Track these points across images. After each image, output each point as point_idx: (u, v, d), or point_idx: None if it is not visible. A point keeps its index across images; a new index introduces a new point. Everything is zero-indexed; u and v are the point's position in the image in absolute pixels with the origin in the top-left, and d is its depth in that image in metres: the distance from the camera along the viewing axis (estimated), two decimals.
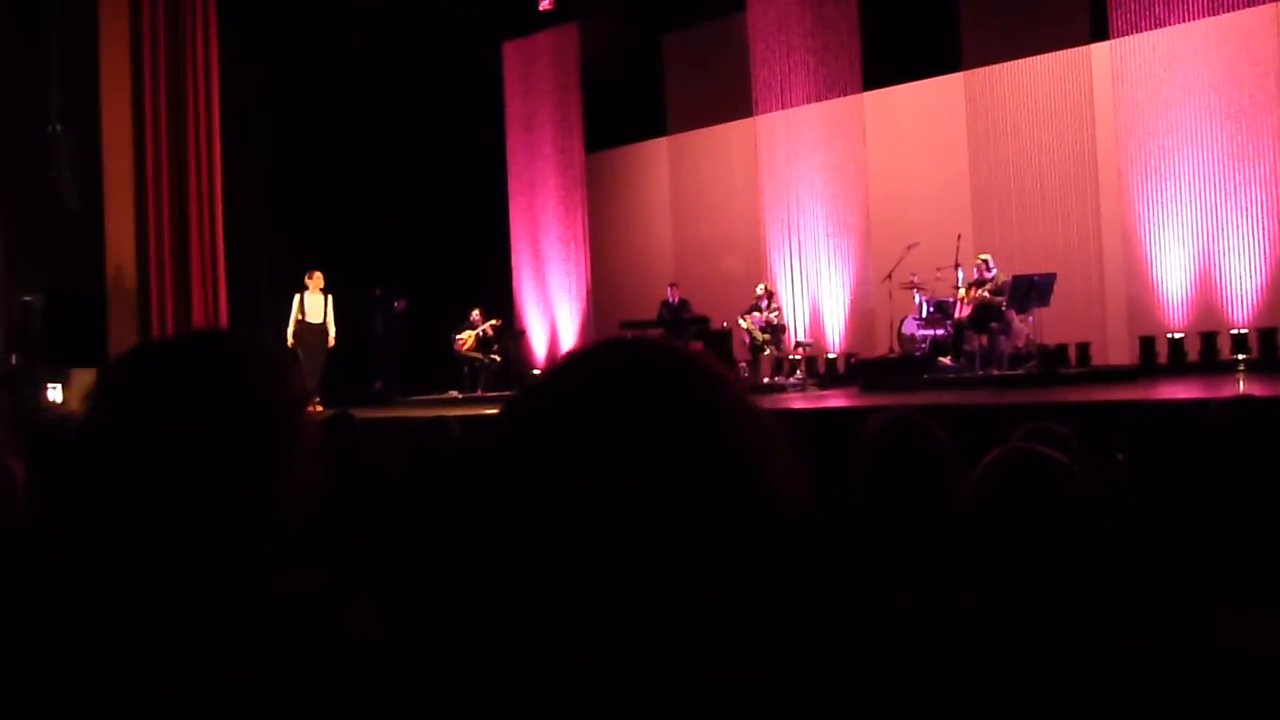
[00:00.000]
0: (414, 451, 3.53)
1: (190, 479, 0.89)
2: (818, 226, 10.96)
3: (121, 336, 8.49)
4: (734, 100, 11.01)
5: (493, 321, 10.85)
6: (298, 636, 0.84)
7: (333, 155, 11.07)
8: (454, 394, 10.75)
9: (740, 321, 9.63)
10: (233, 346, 0.97)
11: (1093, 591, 0.92)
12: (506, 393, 10.01)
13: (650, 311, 10.71)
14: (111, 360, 0.98)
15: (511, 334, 11.77)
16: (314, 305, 9.54)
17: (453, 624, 1.41)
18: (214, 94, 9.92)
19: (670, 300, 10.71)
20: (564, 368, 0.62)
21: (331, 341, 9.53)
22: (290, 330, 9.37)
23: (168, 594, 0.85)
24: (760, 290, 10.04)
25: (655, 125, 11.66)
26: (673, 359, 0.62)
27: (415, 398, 10.57)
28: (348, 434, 3.73)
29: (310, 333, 9.32)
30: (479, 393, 10.61)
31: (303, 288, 9.63)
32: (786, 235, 11.16)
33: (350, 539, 2.30)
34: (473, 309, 11.09)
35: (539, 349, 12.72)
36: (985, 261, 8.58)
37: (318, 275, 9.58)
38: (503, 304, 12.27)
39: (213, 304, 10.01)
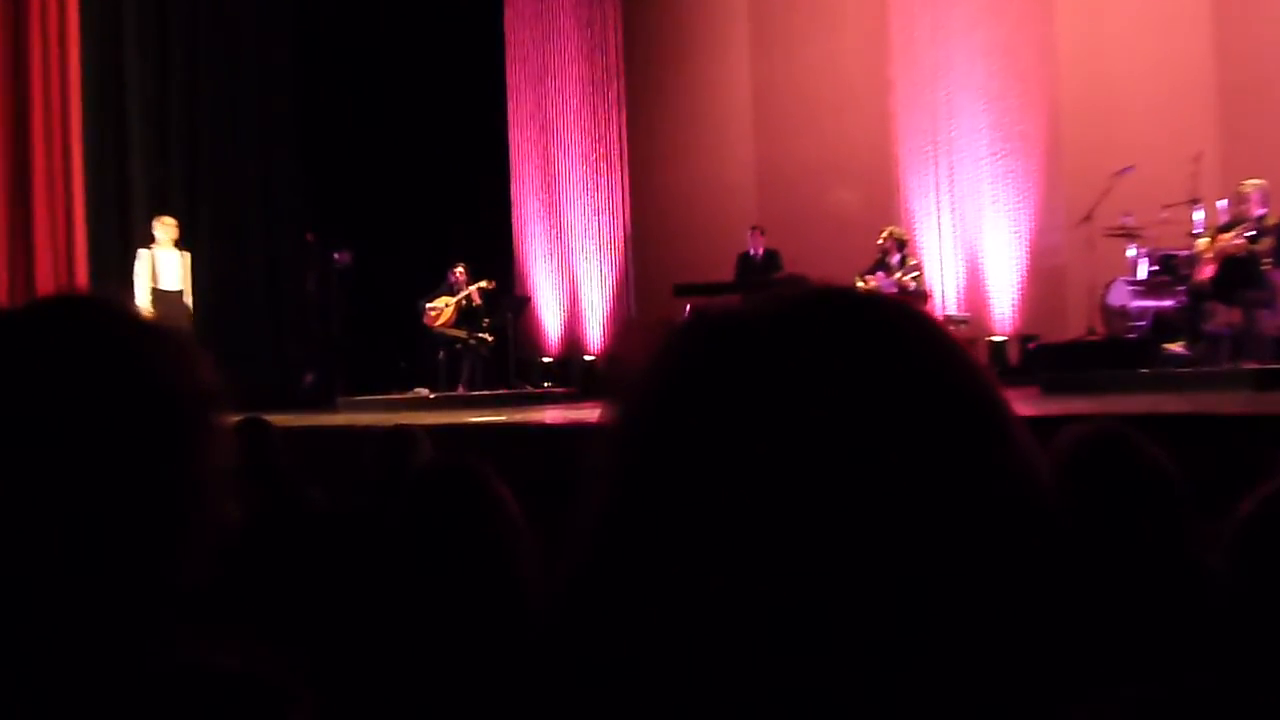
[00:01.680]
0: (363, 479, 3.67)
1: (50, 517, 0.89)
2: (978, 141, 11.08)
3: None
4: None
5: (482, 283, 11.15)
6: None
7: (240, 46, 11.73)
8: (423, 392, 11.08)
9: (858, 285, 10.04)
10: (111, 321, 0.97)
11: None
12: (503, 390, 10.96)
13: (719, 267, 11.01)
14: None
15: (510, 302, 11.95)
16: (168, 266, 9.96)
17: None
18: None
19: (752, 252, 11.07)
20: (733, 344, 0.65)
21: (188, 316, 10.01)
22: (148, 301, 9.72)
23: (16, 684, 0.86)
24: (886, 238, 10.32)
25: None
26: (920, 325, 0.66)
27: (365, 397, 10.89)
28: (259, 452, 3.84)
29: (165, 305, 9.60)
30: (461, 390, 10.94)
31: (149, 239, 10.07)
32: (931, 156, 11.32)
33: (276, 603, 2.39)
34: (452, 265, 11.35)
35: (550, 324, 13.07)
36: (1247, 193, 8.38)
37: (169, 222, 10.02)
38: (497, 258, 12.55)
39: (65, 259, 10.44)
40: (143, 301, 9.62)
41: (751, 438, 0.60)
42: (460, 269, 11.33)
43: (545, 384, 12.19)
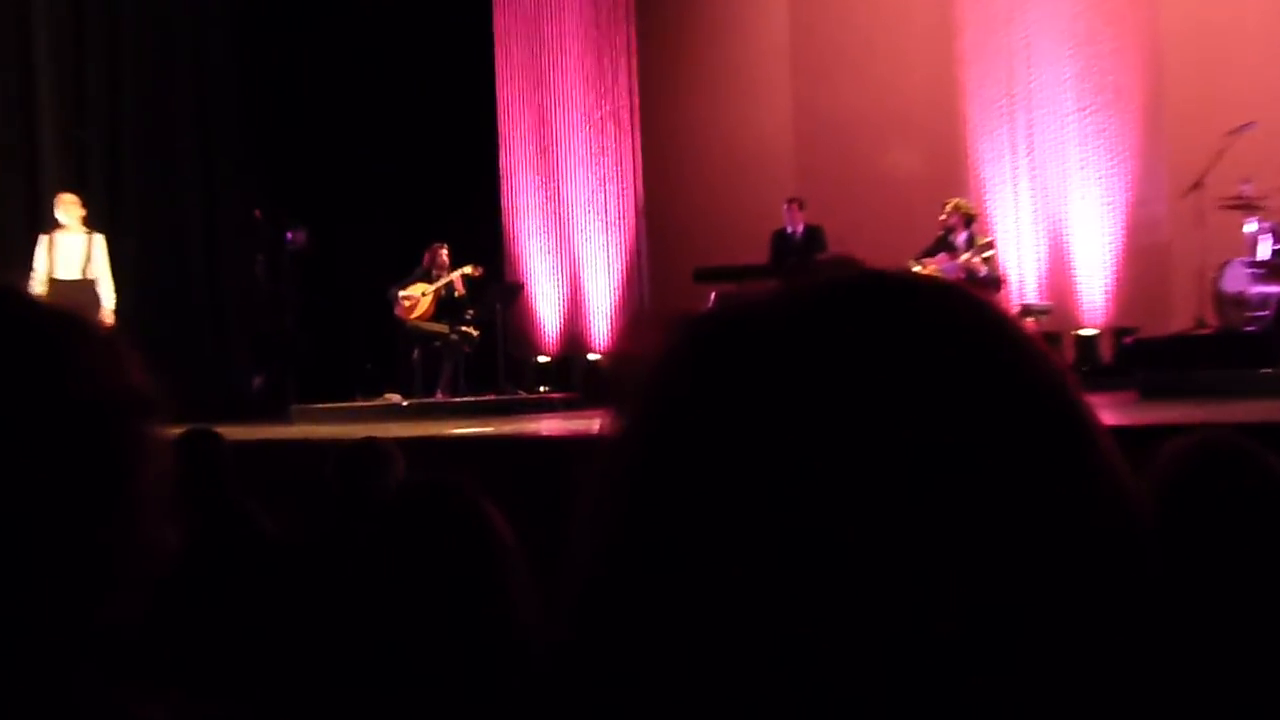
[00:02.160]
0: (324, 502, 3.79)
1: None
2: (1063, 94, 11.06)
3: None
4: None
5: (466, 269, 11.18)
6: None
7: None
8: (394, 399, 11.16)
9: (915, 269, 10.19)
10: (17, 312, 0.97)
11: None
12: (490, 396, 11.01)
13: (751, 248, 10.97)
14: None
15: (499, 290, 11.97)
16: (70, 251, 9.96)
17: None
18: None
19: (789, 230, 11.09)
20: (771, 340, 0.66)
21: (107, 311, 9.99)
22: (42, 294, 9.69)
23: None
24: (951, 212, 10.37)
25: None
26: (987, 319, 0.68)
27: (325, 405, 10.98)
28: (204, 470, 3.92)
29: (65, 299, 9.44)
30: (440, 396, 10.94)
31: (51, 224, 10.06)
32: (1006, 111, 11.31)
33: (220, 644, 2.42)
34: (430, 246, 11.40)
35: (547, 317, 13.02)
36: None
37: (69, 200, 10.01)
38: (483, 238, 12.55)
39: None
40: (36, 294, 9.35)
41: (780, 455, 0.62)
42: (442, 251, 11.28)
43: (541, 389, 12.22)
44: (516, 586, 2.08)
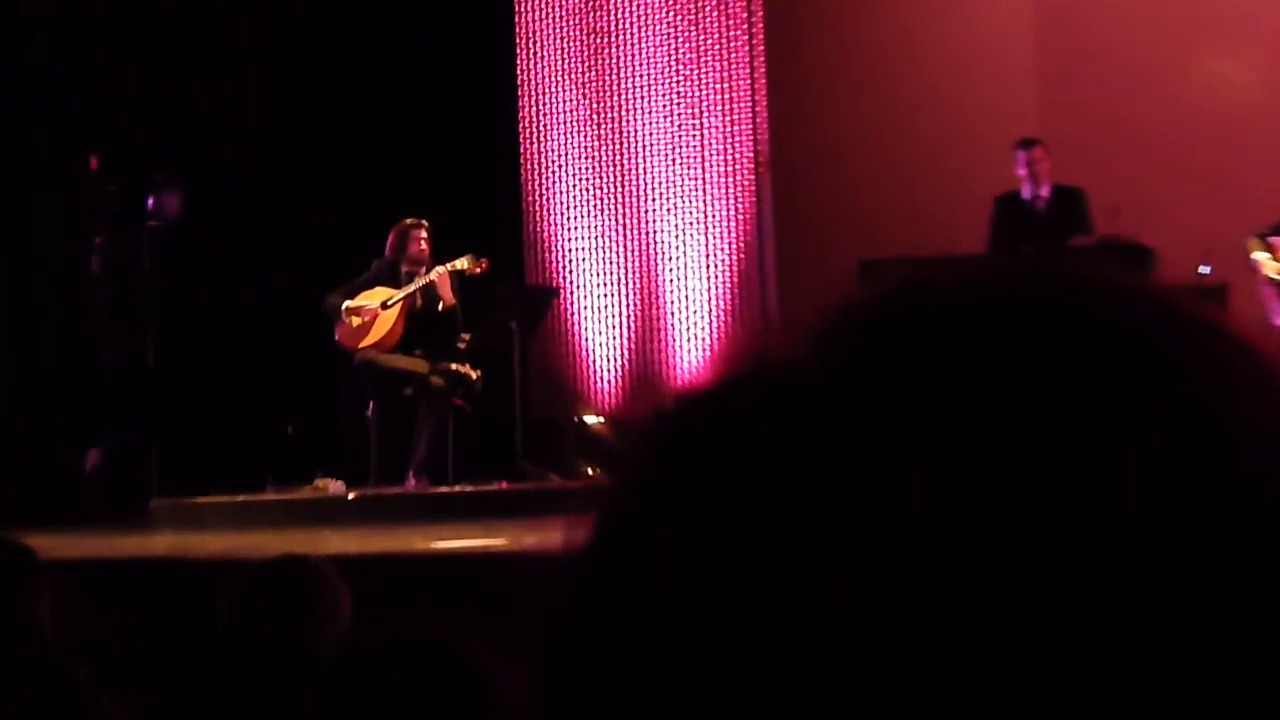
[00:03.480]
0: (210, 662, 3.71)
1: None
2: None
3: None
4: None
5: (458, 262, 9.31)
6: None
7: None
8: (331, 487, 9.53)
9: (1258, 258, 9.45)
10: None
11: None
12: (501, 484, 9.44)
13: (959, 224, 9.82)
14: None
15: (517, 298, 10.21)
16: None
17: None
18: None
19: (1027, 194, 9.77)
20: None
21: None
22: None
23: None
24: None
25: None
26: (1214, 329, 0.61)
27: (210, 499, 9.47)
28: (9, 608, 3.81)
29: None
30: (412, 482, 9.27)
31: None
32: None
33: None
34: (399, 225, 9.49)
35: (602, 344, 11.21)
36: None
37: None
38: (488, 215, 10.99)
39: None
40: None
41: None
42: (419, 234, 9.21)
43: (590, 467, 9.80)
44: None
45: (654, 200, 11.18)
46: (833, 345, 0.58)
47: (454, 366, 8.95)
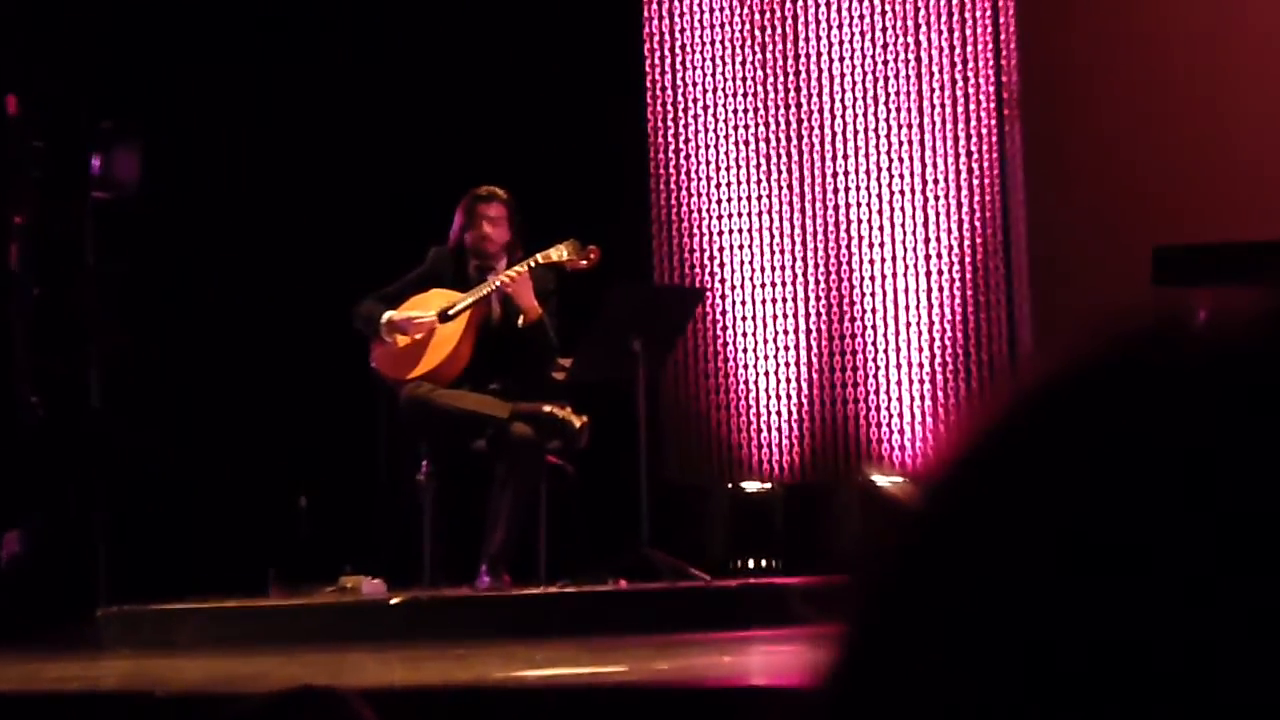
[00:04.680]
0: None
1: None
2: None
3: None
4: None
5: (558, 250, 7.41)
6: None
7: None
8: (367, 585, 7.96)
9: None
10: None
11: None
12: (620, 581, 7.79)
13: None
14: None
15: (644, 304, 8.18)
16: None
17: None
18: None
19: None
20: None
21: None
22: None
23: None
24: None
25: None
26: None
27: (184, 605, 7.91)
28: None
29: None
30: (484, 580, 7.71)
31: None
32: None
33: None
34: (467, 197, 7.56)
35: (779, 381, 9.28)
36: None
37: None
38: (606, 191, 9.02)
39: None
40: None
41: None
42: (489, 211, 7.14)
43: (750, 562, 8.45)
44: None
45: (843, 166, 8.82)
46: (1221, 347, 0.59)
47: (548, 409, 6.78)
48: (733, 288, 8.65)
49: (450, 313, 6.83)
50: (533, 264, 6.75)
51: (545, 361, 6.96)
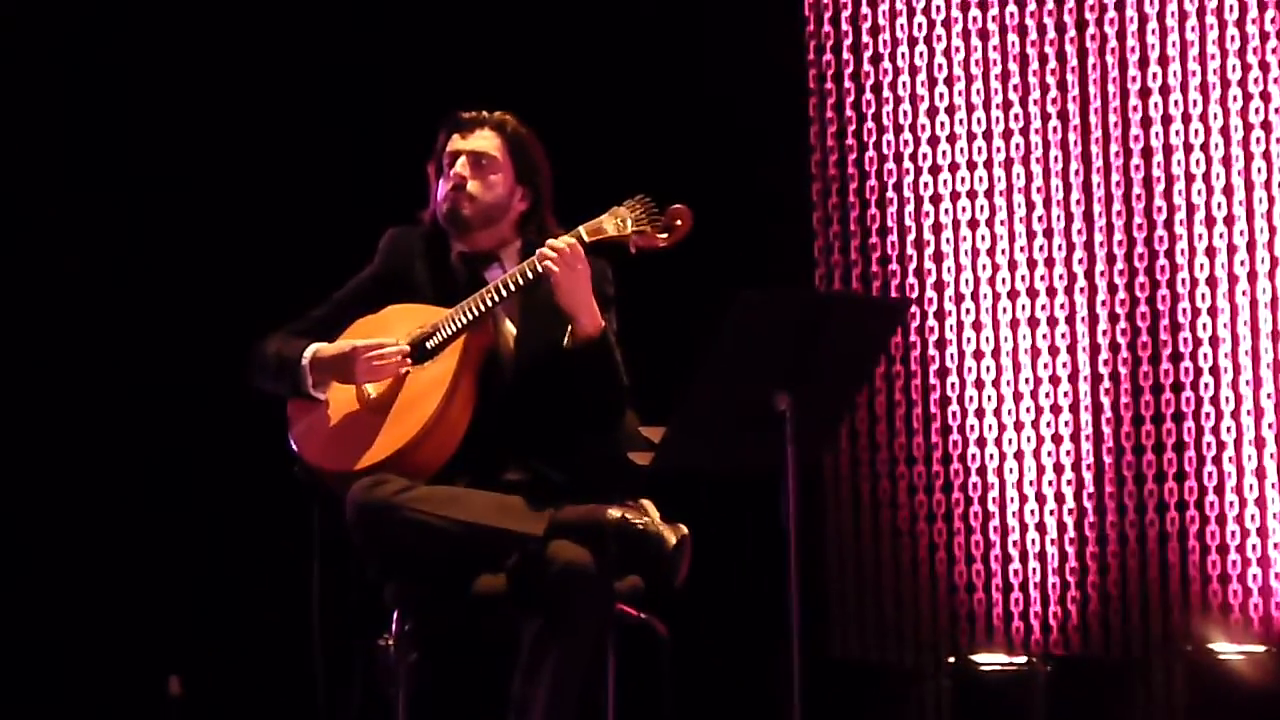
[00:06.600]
0: None
1: None
2: None
3: None
4: None
5: (598, 224, 4.01)
6: None
7: None
8: None
9: None
10: None
11: None
12: None
13: None
14: None
15: (793, 322, 4.37)
16: None
17: None
18: None
19: None
20: None
21: None
22: None
23: None
24: None
25: None
26: None
27: None
28: None
29: None
30: None
31: None
32: None
33: None
34: (462, 123, 4.37)
35: (1026, 443, 7.30)
36: None
37: None
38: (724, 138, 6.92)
39: None
40: None
41: None
42: (466, 134, 3.95)
43: None
44: None
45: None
46: None
47: (616, 514, 3.71)
48: (966, 311, 5.95)
49: (430, 344, 3.73)
50: (582, 237, 3.83)
51: (611, 422, 3.83)
